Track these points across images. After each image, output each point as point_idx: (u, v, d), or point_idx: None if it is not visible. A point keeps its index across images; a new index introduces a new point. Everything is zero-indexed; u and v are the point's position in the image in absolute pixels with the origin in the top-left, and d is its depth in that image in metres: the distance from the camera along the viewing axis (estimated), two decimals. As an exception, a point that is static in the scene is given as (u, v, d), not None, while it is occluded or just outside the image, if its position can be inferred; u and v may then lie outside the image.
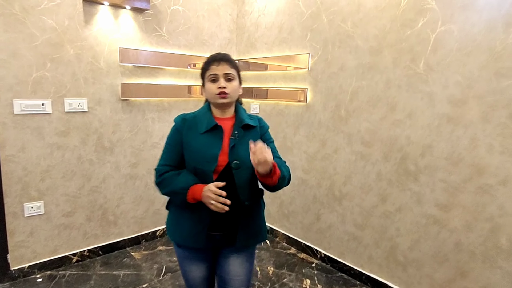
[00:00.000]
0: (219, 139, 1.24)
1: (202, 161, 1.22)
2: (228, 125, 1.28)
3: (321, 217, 2.56)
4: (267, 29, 2.82)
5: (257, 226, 1.34)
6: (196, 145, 1.24)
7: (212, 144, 1.23)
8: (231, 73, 1.26)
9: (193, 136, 1.25)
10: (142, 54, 2.50)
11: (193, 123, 1.28)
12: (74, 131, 2.28)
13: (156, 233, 2.83)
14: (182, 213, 1.28)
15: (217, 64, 1.25)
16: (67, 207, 2.33)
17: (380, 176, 2.16)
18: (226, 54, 1.30)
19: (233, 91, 1.26)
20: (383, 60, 2.08)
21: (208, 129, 1.24)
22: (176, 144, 1.27)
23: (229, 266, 1.32)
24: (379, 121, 2.13)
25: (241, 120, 1.29)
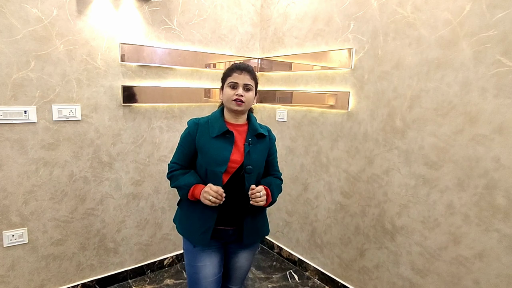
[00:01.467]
0: (230, 144, 1.33)
1: (213, 163, 1.31)
2: (239, 131, 1.38)
3: (365, 253, 2.03)
4: (297, 20, 2.33)
5: (260, 224, 1.46)
6: (208, 149, 1.32)
7: (223, 148, 1.32)
8: (250, 84, 1.35)
9: (206, 140, 1.34)
10: (148, 51, 2.09)
11: (205, 127, 1.36)
12: (64, 144, 1.89)
13: (164, 262, 2.41)
14: (192, 210, 1.36)
15: (239, 72, 1.34)
16: (57, 234, 1.94)
17: (452, 208, 1.62)
18: (249, 66, 1.38)
19: (248, 101, 1.35)
20: (459, 54, 1.54)
21: (220, 134, 1.32)
22: (187, 146, 1.38)
23: (236, 259, 1.46)
24: (451, 135, 1.59)
25: (255, 129, 1.39)
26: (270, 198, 1.35)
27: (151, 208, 2.29)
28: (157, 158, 2.25)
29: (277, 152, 1.52)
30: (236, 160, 1.32)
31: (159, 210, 2.32)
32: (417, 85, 1.70)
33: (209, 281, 1.36)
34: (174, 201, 2.38)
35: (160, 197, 2.31)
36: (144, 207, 2.25)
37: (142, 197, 2.23)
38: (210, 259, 1.37)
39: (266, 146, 1.41)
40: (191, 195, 1.31)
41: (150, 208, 2.28)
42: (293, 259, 2.53)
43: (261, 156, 1.38)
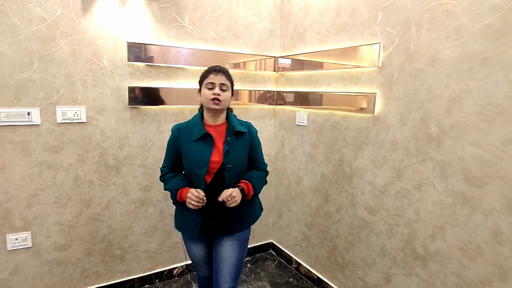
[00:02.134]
0: (210, 145, 1.41)
1: (195, 166, 1.41)
2: (218, 132, 1.45)
3: (392, 278, 1.76)
4: (319, 14, 2.11)
5: (244, 214, 1.50)
6: (190, 152, 1.42)
7: (203, 150, 1.40)
8: (226, 84, 1.43)
9: (187, 144, 1.43)
10: (157, 50, 1.98)
11: (186, 131, 1.45)
12: (69, 147, 1.83)
13: (174, 271, 2.29)
14: (182, 210, 1.48)
15: (215, 74, 1.42)
16: (61, 239, 1.89)
17: (497, 235, 1.32)
18: (224, 68, 1.46)
19: (225, 100, 1.42)
20: (510, 47, 1.25)
21: (200, 137, 1.41)
22: (173, 151, 1.49)
23: (222, 248, 1.50)
24: (500, 146, 1.30)
25: (233, 127, 1.45)
26: (252, 192, 1.45)
27: (160, 215, 2.18)
28: (166, 163, 2.14)
29: (260, 145, 1.57)
30: (216, 160, 1.40)
31: (168, 217, 2.21)
32: (456, 84, 1.42)
33: (198, 258, 1.59)
34: (185, 208, 2.26)
35: (169, 204, 2.20)
36: (152, 213, 2.15)
37: (150, 203, 2.13)
38: (196, 245, 1.55)
39: (246, 142, 1.48)
40: (179, 197, 1.43)
41: (159, 215, 2.18)
42: (311, 276, 2.31)
43: (241, 153, 1.45)
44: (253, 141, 1.52)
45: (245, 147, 1.47)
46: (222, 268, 1.49)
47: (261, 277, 2.36)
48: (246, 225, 1.53)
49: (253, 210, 1.56)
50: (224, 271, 1.48)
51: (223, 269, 1.49)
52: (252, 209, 1.55)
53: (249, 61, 2.37)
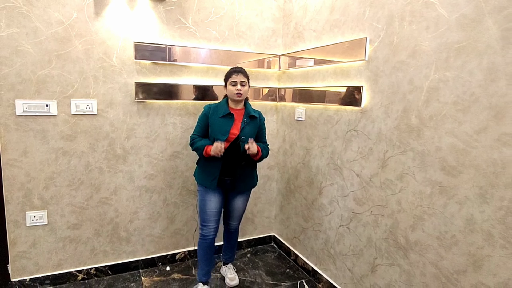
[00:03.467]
0: (231, 121, 1.91)
1: (218, 134, 1.88)
2: (238, 114, 1.95)
3: (377, 269, 1.78)
4: (316, 12, 2.18)
5: (249, 178, 2.04)
6: (216, 124, 1.91)
7: (226, 124, 1.90)
8: (245, 81, 1.92)
9: (215, 118, 1.92)
10: (162, 49, 2.15)
11: (215, 110, 1.94)
12: (81, 136, 2.04)
13: (176, 256, 2.44)
14: (205, 165, 1.96)
15: (236, 74, 1.91)
16: (73, 219, 2.10)
17: (472, 225, 1.32)
18: (243, 68, 1.95)
19: (244, 93, 1.93)
20: (483, 35, 1.26)
21: (224, 115, 1.91)
22: (204, 123, 1.96)
23: (234, 202, 2.07)
24: (473, 135, 1.30)
25: (249, 112, 1.96)
26: (260, 152, 1.93)
27: (164, 202, 2.34)
28: (170, 154, 2.30)
29: (265, 129, 2.09)
30: (234, 132, 1.90)
31: (171, 204, 2.37)
32: (434, 75, 1.44)
33: (212, 211, 1.97)
34: (187, 197, 2.41)
35: (173, 192, 2.36)
36: (156, 200, 2.32)
37: (154, 190, 2.30)
38: (214, 197, 1.97)
39: (256, 124, 1.99)
40: (205, 152, 1.88)
41: (162, 202, 2.34)
42: (307, 268, 2.35)
43: (253, 130, 1.95)
44: (261, 124, 2.03)
45: (255, 127, 1.97)
46: (234, 214, 2.11)
47: (259, 267, 2.44)
48: (249, 187, 2.07)
49: (254, 175, 2.08)
50: (235, 216, 2.12)
51: (234, 215, 2.11)
52: (253, 175, 2.08)
53: (253, 60, 2.48)
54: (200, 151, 1.90)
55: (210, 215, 1.97)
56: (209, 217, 1.97)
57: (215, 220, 1.99)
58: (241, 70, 1.92)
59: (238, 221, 2.16)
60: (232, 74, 1.90)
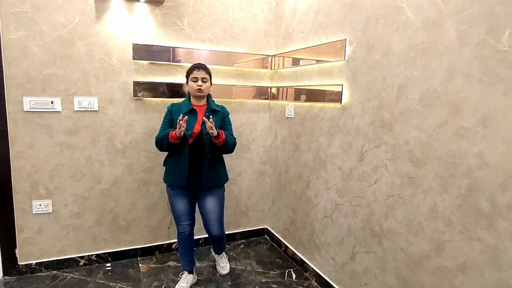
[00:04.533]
0: (194, 117, 1.94)
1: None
2: (201, 110, 1.99)
3: (356, 256, 1.89)
4: (303, 15, 2.31)
5: (216, 174, 2.03)
6: None
7: (189, 120, 1.89)
8: (206, 77, 1.96)
9: (178, 115, 1.86)
10: (158, 50, 2.30)
11: (178, 107, 1.98)
12: (83, 131, 2.20)
13: (172, 245, 2.59)
14: (172, 163, 1.99)
15: (197, 70, 1.94)
16: (76, 208, 2.26)
17: (434, 212, 1.42)
18: (203, 64, 1.98)
19: (206, 89, 1.96)
20: (443, 36, 1.37)
21: (187, 111, 1.94)
22: (168, 121, 1.99)
23: (205, 203, 2.04)
24: (435, 128, 1.41)
25: (210, 107, 2.00)
26: (223, 135, 1.88)
27: (161, 194, 2.49)
28: (166, 148, 2.45)
29: (230, 123, 2.09)
30: (198, 128, 1.92)
31: (168, 196, 2.51)
32: (404, 73, 1.55)
33: (182, 211, 2.01)
34: (183, 189, 2.55)
35: (169, 185, 2.50)
36: (154, 192, 2.47)
37: (152, 183, 2.45)
38: (181, 199, 2.00)
39: (219, 118, 2.00)
40: (171, 137, 1.84)
41: (159, 194, 2.49)
42: (296, 258, 2.47)
43: (216, 124, 1.90)
44: (224, 117, 2.04)
45: (218, 121, 1.98)
46: (210, 218, 2.04)
47: (250, 257, 2.57)
48: (218, 183, 2.03)
49: (221, 172, 2.07)
50: (212, 221, 2.05)
51: (211, 219, 2.04)
52: (221, 171, 2.06)
53: (246, 60, 2.61)
54: (166, 138, 1.84)
55: (182, 215, 2.01)
56: (181, 217, 2.01)
57: (189, 218, 2.04)
58: (203, 66, 1.94)
59: (219, 228, 2.07)
60: (193, 70, 1.92)
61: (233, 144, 1.99)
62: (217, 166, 2.02)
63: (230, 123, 2.08)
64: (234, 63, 2.57)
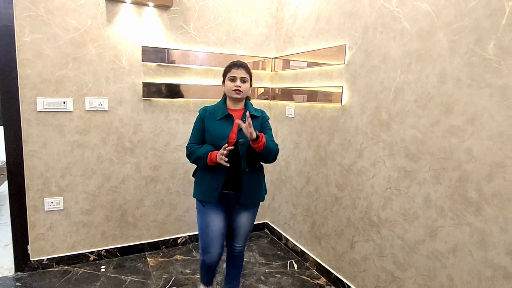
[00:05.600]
0: (230, 124, 1.67)
1: (217, 138, 1.65)
2: (238, 115, 1.71)
3: (355, 245, 2.05)
4: (304, 20, 2.45)
5: (256, 190, 1.76)
6: (213, 128, 1.67)
7: (224, 127, 1.67)
8: (246, 77, 1.69)
9: (212, 121, 1.69)
10: (166, 53, 2.41)
11: (212, 112, 1.72)
12: (94, 130, 2.29)
13: (178, 240, 2.69)
14: (204, 176, 1.71)
15: (236, 68, 1.69)
16: (86, 205, 2.34)
17: (428, 202, 1.59)
18: (244, 62, 1.72)
19: (245, 90, 1.69)
20: (436, 45, 1.53)
21: (223, 117, 1.68)
22: (200, 128, 1.73)
23: (239, 218, 1.78)
24: (429, 127, 1.58)
25: (249, 111, 1.69)
26: (264, 140, 1.56)
27: (167, 191, 2.59)
28: (173, 147, 2.55)
29: (271, 129, 1.79)
30: (233, 137, 1.65)
31: (174, 193, 2.62)
32: (400, 77, 1.72)
33: (215, 233, 1.70)
34: (189, 186, 2.66)
35: (175, 182, 2.61)
36: (160, 189, 2.57)
37: (159, 180, 2.55)
38: (217, 215, 1.71)
39: (258, 124, 1.72)
40: (209, 160, 1.61)
41: (166, 191, 2.59)
42: (296, 250, 2.62)
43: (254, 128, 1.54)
44: (264, 122, 1.76)
45: (257, 127, 1.68)
46: (238, 233, 1.81)
47: (253, 249, 2.70)
48: (257, 200, 1.78)
49: (261, 187, 1.80)
50: (240, 236, 1.82)
51: (239, 234, 1.81)
52: (261, 186, 1.79)
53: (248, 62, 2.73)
54: (203, 160, 1.62)
55: (213, 239, 1.69)
56: (212, 241, 1.69)
57: (219, 244, 1.71)
58: (243, 64, 1.69)
59: (243, 243, 1.86)
60: (232, 68, 1.67)
61: (276, 150, 1.68)
62: (257, 181, 1.76)
63: (271, 128, 1.80)
64: (237, 65, 2.69)
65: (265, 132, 1.72)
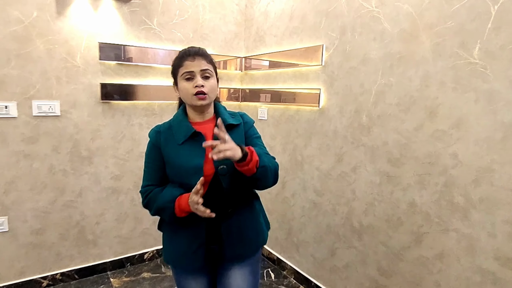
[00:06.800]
0: (200, 147, 1.05)
1: (186, 175, 1.10)
2: (209, 128, 1.16)
3: (336, 252, 1.99)
4: (276, 19, 2.34)
5: (251, 233, 1.20)
6: (176, 159, 1.12)
7: (194, 154, 1.11)
8: (208, 69, 1.13)
9: (172, 148, 1.13)
10: (127, 50, 2.17)
11: (169, 134, 1.16)
12: (44, 138, 1.99)
13: (144, 256, 2.46)
14: (176, 231, 1.17)
15: (192, 59, 1.11)
16: (37, 224, 2.04)
17: (413, 207, 1.56)
18: (201, 48, 1.16)
19: (211, 90, 1.13)
20: (419, 47, 1.50)
21: (187, 138, 1.12)
22: (155, 160, 1.16)
23: (230, 279, 1.18)
24: (413, 131, 1.54)
25: (223, 121, 1.11)
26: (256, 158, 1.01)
27: (131, 203, 2.36)
28: (137, 154, 2.32)
29: (259, 136, 1.24)
30: (209, 168, 1.10)
31: (139, 205, 2.38)
32: (381, 80, 1.67)
33: None
34: (155, 196, 2.44)
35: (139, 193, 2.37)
36: (123, 201, 2.33)
37: (121, 191, 2.31)
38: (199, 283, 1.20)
39: (240, 134, 1.16)
40: (179, 210, 1.06)
41: (130, 203, 2.35)
42: (272, 258, 2.52)
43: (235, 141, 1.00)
44: (248, 129, 1.20)
45: (240, 138, 1.15)
46: None
47: (227, 260, 2.55)
48: (254, 247, 1.21)
49: (258, 229, 1.23)
50: None
51: None
52: (257, 224, 1.24)
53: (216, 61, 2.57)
54: (169, 211, 1.07)
55: None
56: None
57: None
58: (199, 51, 1.13)
59: None
60: (184, 59, 1.10)
61: (275, 167, 1.14)
62: (252, 218, 1.22)
63: (259, 135, 1.25)
64: (205, 65, 2.52)
65: (252, 143, 1.18)
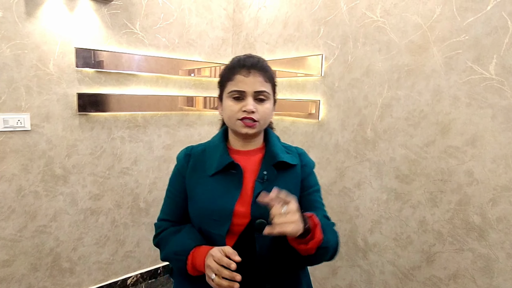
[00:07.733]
0: (237, 184, 0.85)
1: (208, 220, 0.85)
2: (252, 162, 0.91)
3: (338, 271, 1.91)
4: (268, 25, 2.23)
5: None
6: (201, 194, 0.88)
7: (224, 193, 0.86)
8: (265, 91, 0.88)
9: (199, 179, 0.90)
10: (107, 56, 1.96)
11: (199, 159, 0.92)
12: (11, 156, 1.74)
13: (127, 281, 2.24)
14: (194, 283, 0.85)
15: (246, 73, 0.87)
16: (3, 255, 1.77)
17: (424, 225, 1.50)
18: (261, 59, 0.92)
19: (264, 117, 0.89)
20: (429, 60, 1.44)
21: (220, 169, 0.87)
22: (178, 191, 0.93)
23: None
24: (423, 147, 1.48)
25: (274, 155, 0.90)
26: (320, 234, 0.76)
27: (112, 224, 2.13)
28: (118, 171, 2.11)
29: (319, 188, 0.98)
30: (244, 212, 0.84)
31: (121, 226, 2.17)
32: (387, 93, 1.60)
33: None
34: (138, 215, 2.23)
35: (122, 212, 2.16)
36: (104, 223, 2.10)
37: (101, 212, 2.08)
38: None
39: (295, 180, 0.91)
40: (192, 267, 0.81)
41: (110, 224, 2.13)
42: (266, 276, 2.39)
43: None
44: (306, 176, 0.94)
45: (294, 188, 0.89)
46: None
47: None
48: None
49: None
50: None
51: None
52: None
53: (203, 68, 2.42)
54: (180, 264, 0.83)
55: None
56: None
57: None
58: (258, 63, 0.90)
59: None
60: (237, 71, 0.88)
61: (336, 245, 0.92)
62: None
63: (319, 187, 0.99)
64: (192, 72, 2.36)
65: (310, 200, 0.93)
